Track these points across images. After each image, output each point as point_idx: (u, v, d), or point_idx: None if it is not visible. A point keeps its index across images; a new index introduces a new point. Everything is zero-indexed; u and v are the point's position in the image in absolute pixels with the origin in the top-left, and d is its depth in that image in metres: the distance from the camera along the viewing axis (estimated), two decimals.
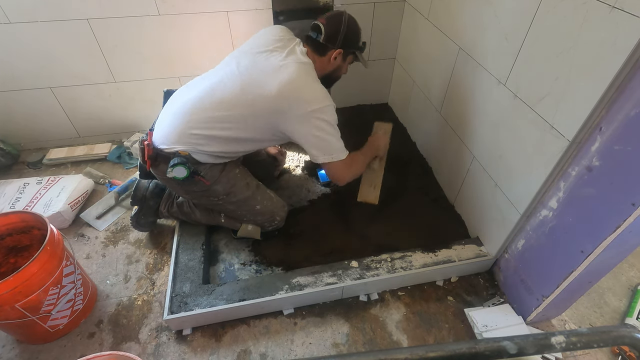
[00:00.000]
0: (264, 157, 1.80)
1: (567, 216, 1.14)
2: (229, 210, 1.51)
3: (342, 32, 1.32)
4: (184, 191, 1.43)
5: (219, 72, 1.34)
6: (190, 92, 1.34)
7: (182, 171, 1.26)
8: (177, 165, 1.25)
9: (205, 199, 1.45)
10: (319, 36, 1.33)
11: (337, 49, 1.35)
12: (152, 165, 1.35)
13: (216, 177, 1.37)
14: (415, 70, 2.02)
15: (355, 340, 1.35)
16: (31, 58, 1.77)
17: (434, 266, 1.47)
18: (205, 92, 1.30)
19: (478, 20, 1.39)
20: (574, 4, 0.97)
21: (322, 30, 1.32)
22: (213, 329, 1.36)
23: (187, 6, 1.77)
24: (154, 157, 1.32)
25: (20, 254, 1.39)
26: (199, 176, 1.31)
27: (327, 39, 1.32)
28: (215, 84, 1.30)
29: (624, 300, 1.52)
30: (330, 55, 1.36)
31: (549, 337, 0.60)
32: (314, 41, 1.35)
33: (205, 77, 1.37)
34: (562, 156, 1.08)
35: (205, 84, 1.32)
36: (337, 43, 1.34)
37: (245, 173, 1.50)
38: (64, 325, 1.31)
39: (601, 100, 0.94)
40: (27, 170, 1.98)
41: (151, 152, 1.31)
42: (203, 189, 1.38)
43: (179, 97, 1.37)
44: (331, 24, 1.32)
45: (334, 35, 1.32)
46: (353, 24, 1.36)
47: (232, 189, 1.43)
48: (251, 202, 1.48)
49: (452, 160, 1.72)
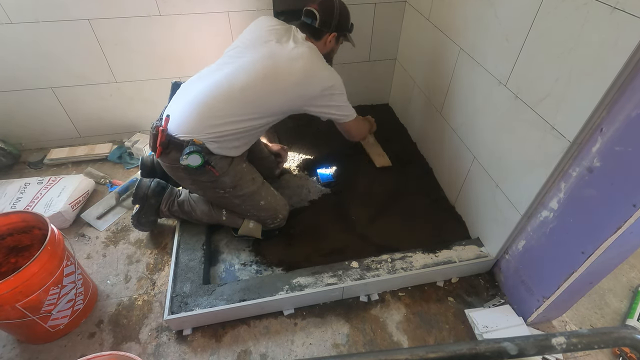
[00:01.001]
0: (266, 155, 1.81)
1: (567, 217, 1.14)
2: (233, 204, 1.51)
3: (336, 16, 1.42)
4: (191, 181, 1.42)
5: (231, 63, 1.36)
6: (204, 82, 1.35)
7: (197, 159, 1.27)
8: (193, 152, 1.25)
9: (211, 190, 1.45)
10: (314, 21, 1.41)
11: (332, 32, 1.45)
12: (163, 153, 1.34)
13: (225, 169, 1.38)
14: (416, 70, 2.02)
15: (356, 340, 1.35)
16: (32, 58, 1.77)
17: (434, 267, 1.47)
18: (224, 82, 1.32)
19: (479, 20, 1.39)
20: (575, 4, 0.97)
21: (316, 16, 1.40)
22: (213, 329, 1.36)
23: (188, 6, 1.77)
24: (166, 144, 1.32)
25: (21, 253, 1.39)
26: (210, 166, 1.32)
27: (322, 24, 1.41)
28: (233, 73, 1.33)
29: (624, 301, 1.52)
30: (326, 39, 1.46)
31: (550, 338, 0.60)
32: (309, 27, 1.42)
33: (217, 69, 1.38)
34: (563, 157, 1.08)
35: (221, 75, 1.34)
36: (331, 27, 1.43)
37: (251, 168, 1.52)
38: (64, 325, 1.31)
39: (602, 101, 0.94)
40: (28, 170, 1.98)
41: (164, 139, 1.31)
42: (212, 179, 1.39)
43: (192, 88, 1.37)
44: (324, 9, 1.40)
45: (328, 19, 1.41)
46: (344, 8, 1.46)
47: (239, 182, 1.44)
48: (256, 197, 1.50)
49: (453, 161, 1.72)
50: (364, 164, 2.02)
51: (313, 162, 2.04)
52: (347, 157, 2.04)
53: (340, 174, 1.95)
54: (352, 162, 2.02)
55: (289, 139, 2.13)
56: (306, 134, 2.18)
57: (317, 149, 2.11)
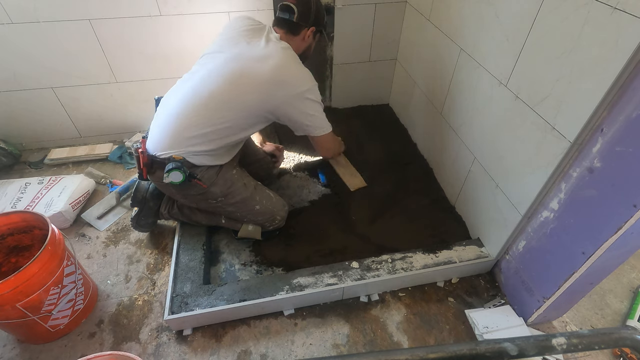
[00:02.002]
0: (262, 156, 1.80)
1: (568, 217, 1.14)
2: (228, 212, 1.51)
3: (313, 10, 1.39)
4: (181, 196, 1.43)
5: (200, 71, 1.34)
6: (176, 95, 1.34)
7: (178, 176, 1.25)
8: (173, 170, 1.24)
9: (203, 202, 1.45)
10: (292, 16, 1.36)
11: (310, 27, 1.41)
12: (149, 173, 1.35)
13: (213, 179, 1.37)
14: (417, 71, 2.02)
15: (356, 341, 1.35)
16: (33, 58, 1.77)
17: (434, 267, 1.47)
18: (191, 93, 1.30)
19: (479, 21, 1.39)
20: (576, 5, 0.97)
21: (294, 10, 1.35)
22: (213, 329, 1.36)
23: (188, 7, 1.77)
24: (150, 165, 1.32)
25: (21, 253, 1.39)
26: (196, 179, 1.31)
27: (299, 18, 1.37)
28: (200, 82, 1.30)
29: (625, 302, 1.52)
30: (304, 34, 1.42)
31: (550, 339, 0.60)
32: (286, 22, 1.38)
33: (186, 79, 1.36)
34: (564, 157, 1.08)
35: (188, 85, 1.32)
36: (309, 21, 1.39)
37: (242, 174, 1.51)
38: (64, 325, 1.31)
39: (603, 101, 0.94)
40: (29, 170, 1.98)
41: (146, 160, 1.31)
42: (200, 192, 1.38)
43: (167, 103, 1.37)
44: (302, 2, 1.37)
45: (306, 13, 1.37)
46: (319, 3, 1.43)
47: (230, 189, 1.42)
48: (250, 203, 1.48)
49: (453, 161, 1.72)
50: (365, 163, 2.02)
51: (313, 162, 2.04)
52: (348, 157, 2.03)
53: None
54: (353, 162, 2.02)
55: (289, 139, 2.13)
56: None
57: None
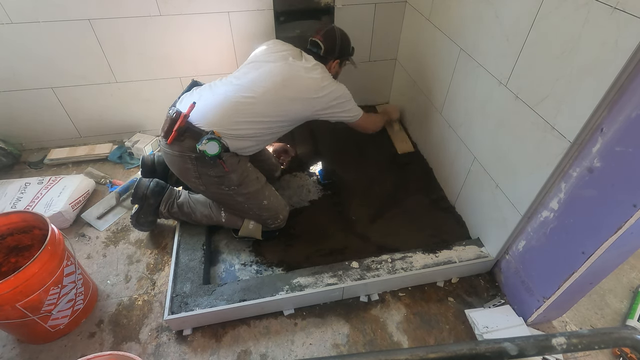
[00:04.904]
0: (267, 157, 1.81)
1: (568, 217, 1.14)
2: (236, 202, 1.51)
3: (338, 44, 1.59)
4: (197, 174, 1.41)
5: (255, 71, 1.47)
6: (229, 86, 1.43)
7: (215, 147, 1.29)
8: (213, 140, 1.28)
9: (215, 187, 1.45)
10: (319, 50, 1.56)
11: (335, 59, 1.61)
12: (176, 139, 1.35)
13: (234, 167, 1.41)
14: (416, 70, 2.02)
15: (356, 341, 1.35)
16: (33, 58, 1.77)
17: (434, 267, 1.47)
18: (248, 86, 1.41)
19: (479, 21, 1.39)
20: (576, 5, 0.97)
21: (321, 46, 1.55)
22: (213, 329, 1.36)
23: (188, 7, 1.77)
24: (183, 130, 1.33)
25: (21, 253, 1.39)
26: (222, 160, 1.35)
27: (326, 52, 1.57)
28: (256, 79, 1.43)
29: (625, 301, 1.52)
30: (331, 65, 1.61)
31: (550, 339, 0.60)
32: (315, 54, 1.57)
33: (241, 76, 1.47)
34: (563, 157, 1.08)
35: (245, 80, 1.44)
36: (334, 55, 1.60)
37: (254, 168, 1.55)
38: (64, 325, 1.31)
39: (602, 101, 0.94)
40: (29, 170, 1.98)
41: (183, 124, 1.33)
42: (219, 174, 1.40)
43: (217, 88, 1.43)
44: (327, 39, 1.57)
45: (331, 48, 1.58)
46: (344, 36, 1.63)
47: (245, 179, 1.46)
48: (259, 196, 1.52)
49: (453, 161, 1.72)
50: (365, 163, 2.02)
51: (313, 162, 2.04)
52: (348, 157, 2.04)
53: (340, 174, 1.94)
54: (353, 162, 2.02)
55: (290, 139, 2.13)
56: (306, 134, 2.18)
57: (317, 149, 2.11)
